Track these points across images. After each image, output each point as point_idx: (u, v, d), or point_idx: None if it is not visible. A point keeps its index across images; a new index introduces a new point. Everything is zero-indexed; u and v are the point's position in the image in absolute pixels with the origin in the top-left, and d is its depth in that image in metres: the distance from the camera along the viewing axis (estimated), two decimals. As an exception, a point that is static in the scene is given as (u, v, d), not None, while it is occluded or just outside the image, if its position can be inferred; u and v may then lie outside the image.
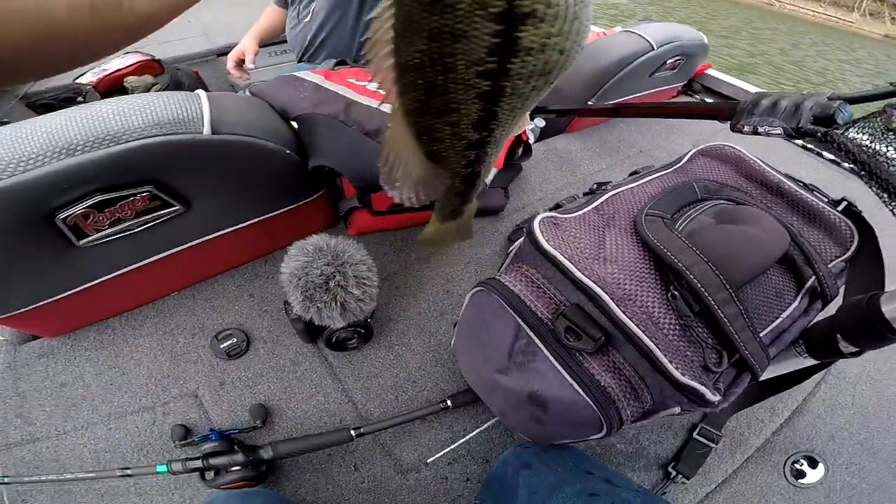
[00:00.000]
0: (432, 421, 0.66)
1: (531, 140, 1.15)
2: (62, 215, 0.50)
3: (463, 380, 0.70)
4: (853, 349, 0.48)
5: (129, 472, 0.55)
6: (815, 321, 0.53)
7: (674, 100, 1.45)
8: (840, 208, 0.59)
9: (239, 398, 0.66)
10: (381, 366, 0.70)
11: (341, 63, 0.86)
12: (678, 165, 0.68)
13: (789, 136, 0.51)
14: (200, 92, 0.56)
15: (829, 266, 0.54)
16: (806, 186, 0.62)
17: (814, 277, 0.53)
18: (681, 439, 0.69)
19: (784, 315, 0.50)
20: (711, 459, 0.67)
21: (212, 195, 0.62)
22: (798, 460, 0.69)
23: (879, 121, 0.43)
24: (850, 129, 0.45)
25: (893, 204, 0.40)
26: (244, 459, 0.55)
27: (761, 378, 0.57)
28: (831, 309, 0.51)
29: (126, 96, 0.52)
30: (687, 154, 0.69)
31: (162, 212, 0.59)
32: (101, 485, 0.59)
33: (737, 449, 0.69)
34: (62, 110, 0.48)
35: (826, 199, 0.60)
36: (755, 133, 0.56)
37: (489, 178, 0.79)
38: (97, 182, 0.50)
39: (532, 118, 1.17)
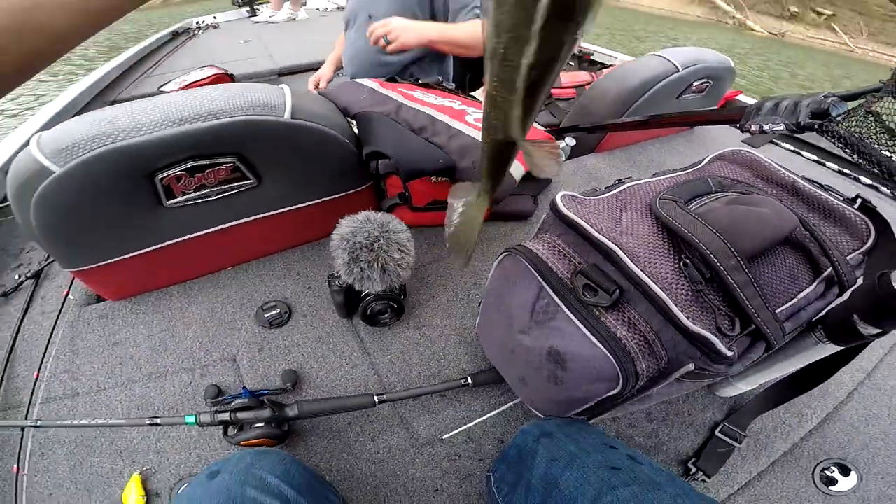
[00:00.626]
0: (452, 399, 0.69)
1: (562, 158, 1.23)
2: (161, 175, 0.62)
3: (485, 362, 0.74)
4: (873, 330, 0.51)
5: (157, 420, 0.60)
6: (832, 305, 0.56)
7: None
8: (856, 205, 0.63)
9: (273, 364, 0.72)
10: (408, 343, 0.76)
11: (391, 80, 1.00)
12: (696, 167, 0.74)
13: (791, 131, 0.57)
14: (284, 86, 0.68)
15: (848, 258, 0.57)
16: (821, 186, 0.67)
17: (830, 268, 0.56)
18: (702, 437, 0.69)
19: (799, 296, 0.54)
20: (734, 460, 0.67)
21: (280, 174, 0.73)
22: (829, 467, 0.68)
23: (862, 109, 0.48)
24: (843, 121, 0.50)
25: (886, 180, 0.45)
26: (270, 415, 0.60)
27: (786, 373, 0.60)
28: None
29: (227, 84, 0.64)
30: (705, 158, 0.75)
31: (238, 183, 0.70)
32: (121, 439, 0.64)
33: (762, 452, 0.69)
34: (175, 94, 0.61)
35: (842, 198, 0.65)
36: (761, 131, 0.62)
37: (517, 176, 0.86)
38: (195, 150, 0.61)
39: (562, 137, 1.26)
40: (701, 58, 1.22)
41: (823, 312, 0.56)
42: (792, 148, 1.41)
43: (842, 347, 0.56)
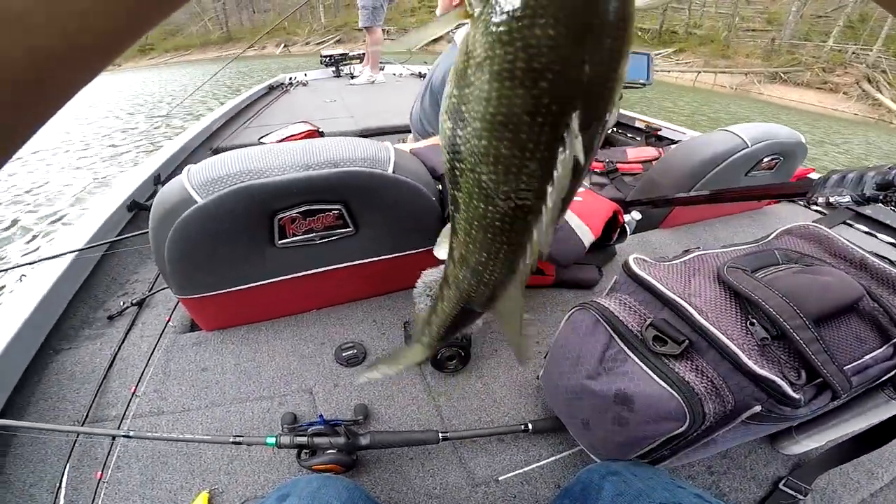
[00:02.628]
0: (510, 443, 0.76)
1: (628, 232, 1.34)
2: (280, 215, 0.78)
3: (544, 412, 0.80)
4: None
5: (241, 440, 0.69)
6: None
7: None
8: (928, 281, 0.69)
9: (347, 398, 0.82)
10: (470, 390, 0.84)
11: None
12: (764, 241, 0.83)
13: (857, 202, 0.66)
14: (388, 143, 0.85)
15: None
16: (891, 262, 0.74)
17: (902, 335, 0.62)
18: (765, 490, 0.71)
19: (867, 357, 0.59)
20: None
21: (375, 225, 0.87)
22: None
23: None
24: None
25: None
26: (344, 442, 0.68)
27: (854, 430, 0.64)
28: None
29: (344, 137, 0.82)
30: (773, 233, 0.84)
31: (339, 230, 0.85)
32: (195, 457, 0.72)
33: None
34: (305, 140, 0.79)
35: (913, 273, 0.71)
36: (828, 205, 0.71)
37: (587, 243, 0.98)
38: (311, 194, 0.78)
39: (628, 211, 1.38)
40: (771, 133, 1.28)
41: (894, 372, 0.60)
42: (866, 229, 1.44)
43: None
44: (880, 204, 0.61)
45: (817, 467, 0.73)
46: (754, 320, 0.59)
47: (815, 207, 1.55)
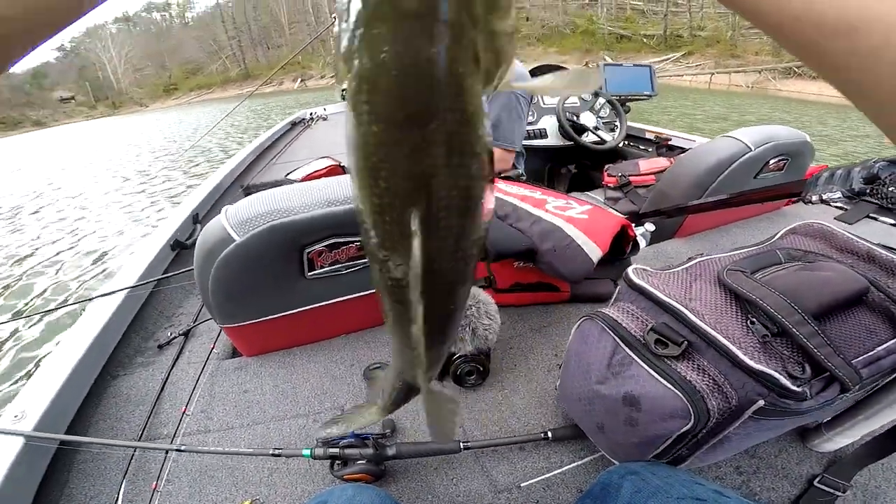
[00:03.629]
0: (531, 451, 0.77)
1: (642, 245, 1.35)
2: (308, 249, 0.85)
3: (565, 421, 0.82)
4: None
5: (280, 452, 0.74)
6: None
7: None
8: (939, 270, 0.68)
9: None
10: (491, 403, 0.86)
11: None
12: (769, 242, 0.83)
13: (847, 197, 0.66)
14: None
15: None
16: (900, 253, 0.73)
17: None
18: (799, 488, 0.70)
19: (879, 348, 0.59)
20: None
21: None
22: None
23: None
24: (890, 183, 0.59)
25: None
26: (373, 454, 0.72)
27: (888, 421, 0.63)
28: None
29: None
30: (778, 233, 0.84)
31: (361, 261, 0.91)
32: (238, 470, 0.77)
33: (871, 501, 0.67)
34: (329, 178, 0.86)
35: (922, 262, 0.70)
36: (822, 201, 0.72)
37: (595, 258, 1.00)
38: (336, 228, 0.84)
39: (642, 223, 1.39)
40: (773, 135, 1.28)
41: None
42: (892, 221, 1.39)
43: None
44: (868, 197, 0.61)
45: (855, 463, 0.72)
46: (754, 319, 0.60)
47: (835, 204, 1.51)
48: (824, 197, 0.71)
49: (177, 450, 0.77)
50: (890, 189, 0.55)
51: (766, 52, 18.24)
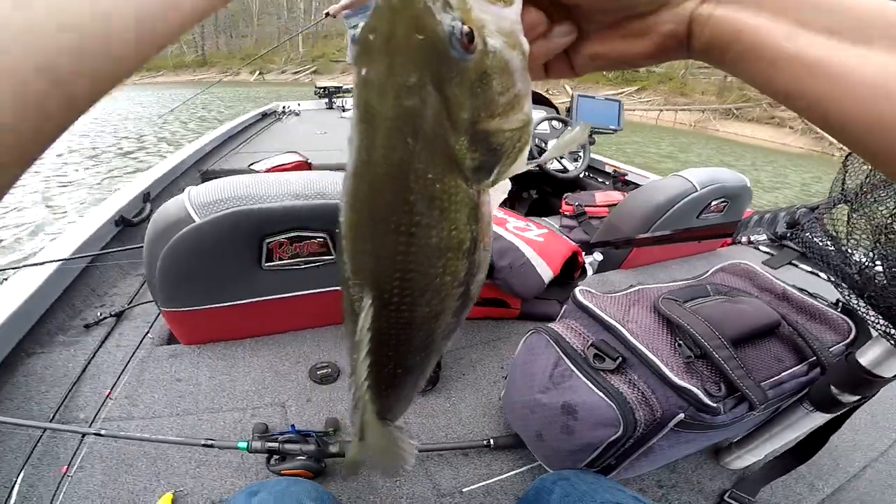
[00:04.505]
0: (474, 457, 0.79)
1: (590, 272, 1.42)
2: (269, 239, 0.84)
3: (506, 429, 0.84)
4: (850, 398, 0.62)
5: (212, 442, 0.70)
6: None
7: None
8: (839, 308, 0.77)
9: (319, 413, 0.85)
10: (438, 409, 0.88)
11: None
12: (701, 277, 0.91)
13: (771, 240, 0.74)
14: None
15: (832, 349, 0.70)
16: (809, 294, 0.82)
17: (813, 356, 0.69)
18: (711, 502, 0.75)
19: (784, 373, 0.66)
20: None
21: None
22: None
23: (817, 216, 0.65)
24: (807, 229, 0.66)
25: (836, 282, 0.59)
26: (314, 450, 0.70)
27: (786, 441, 0.70)
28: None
29: (333, 172, 0.89)
30: (709, 270, 0.92)
31: (323, 258, 0.91)
32: (161, 460, 0.73)
33: None
34: (299, 172, 0.86)
35: (826, 302, 0.79)
36: (750, 243, 0.80)
37: (546, 279, 1.05)
38: (301, 221, 0.84)
39: (591, 252, 1.46)
40: (717, 177, 1.37)
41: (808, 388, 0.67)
42: (810, 269, 1.53)
43: (828, 416, 0.67)
44: (788, 241, 0.69)
45: (759, 480, 0.78)
46: (681, 342, 0.65)
47: (763, 248, 1.65)
48: (752, 238, 0.79)
49: (95, 433, 0.71)
50: (806, 235, 0.63)
51: (711, 93, 19.50)
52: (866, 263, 0.47)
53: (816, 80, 0.19)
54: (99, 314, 1.04)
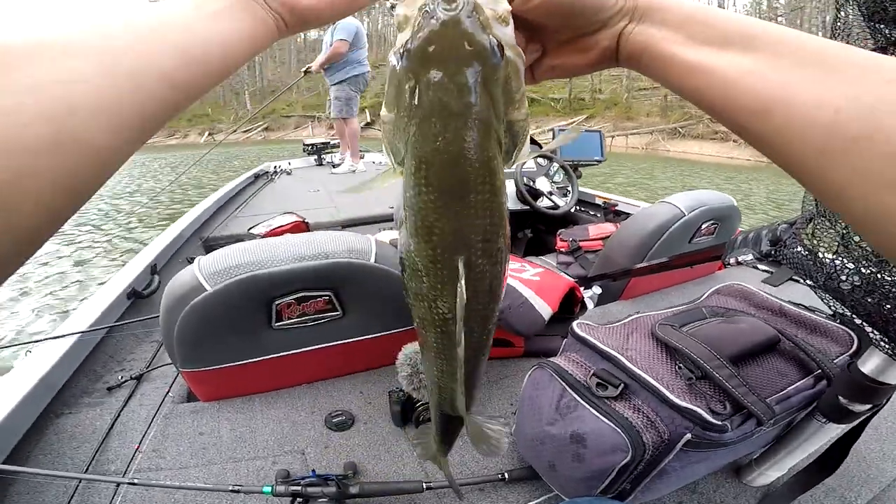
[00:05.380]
0: (489, 491, 0.78)
1: (590, 306, 1.42)
2: (278, 301, 0.87)
3: (520, 462, 0.83)
4: (861, 407, 0.62)
5: (239, 488, 0.72)
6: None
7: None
8: (837, 321, 0.78)
9: (337, 458, 0.85)
10: (453, 448, 0.87)
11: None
12: (697, 301, 0.92)
13: (757, 259, 0.76)
14: (369, 236, 0.96)
15: (836, 360, 0.70)
16: (807, 308, 0.82)
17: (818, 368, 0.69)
18: None
19: (790, 388, 0.66)
20: None
21: (360, 308, 0.96)
22: None
23: (797, 231, 0.66)
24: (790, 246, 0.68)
25: (821, 295, 0.61)
26: (335, 492, 0.71)
27: (807, 454, 0.69)
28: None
29: (332, 231, 0.93)
30: (704, 294, 0.94)
31: (328, 314, 0.93)
32: None
33: None
34: (298, 234, 0.90)
35: (825, 315, 0.80)
36: (738, 263, 0.82)
37: (546, 316, 1.06)
38: (306, 282, 0.87)
39: (590, 286, 1.47)
40: (703, 200, 1.37)
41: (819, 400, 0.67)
42: (812, 283, 1.51)
43: (844, 426, 0.66)
44: (773, 258, 0.70)
45: (785, 495, 0.76)
46: (681, 364, 0.66)
47: (762, 267, 1.65)
48: (740, 259, 0.81)
49: (129, 483, 0.73)
50: (789, 251, 0.64)
51: (655, 114, 19.61)
52: (835, 272, 0.49)
53: (694, 76, 0.24)
54: (120, 377, 1.07)
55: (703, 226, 1.41)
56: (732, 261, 0.85)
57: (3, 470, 0.75)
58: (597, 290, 1.48)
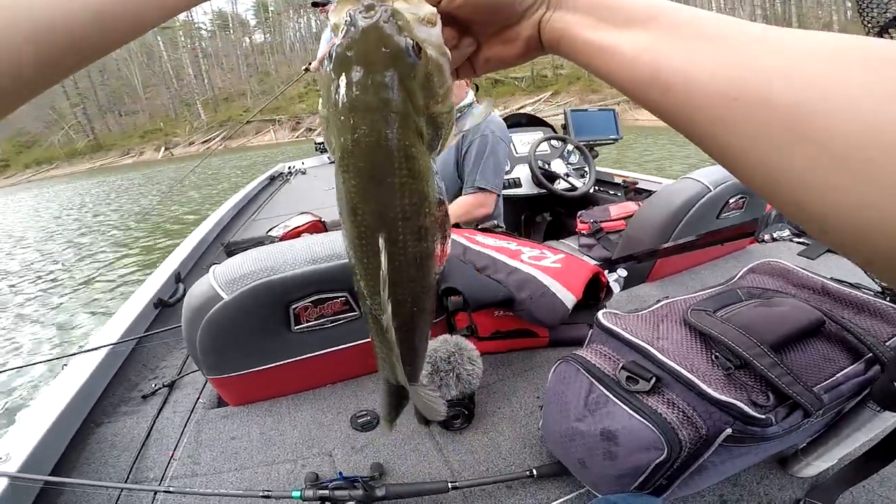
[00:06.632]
0: (517, 489, 0.76)
1: (616, 290, 1.37)
2: (294, 305, 0.86)
3: (549, 458, 0.81)
4: None
5: (269, 494, 0.73)
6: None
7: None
8: (887, 298, 0.72)
9: (363, 459, 0.84)
10: (477, 445, 0.85)
11: (455, 226, 1.28)
12: (730, 281, 0.86)
13: (794, 234, 0.70)
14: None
15: (888, 343, 0.65)
16: (851, 285, 0.76)
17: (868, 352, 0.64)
18: None
19: (838, 375, 0.60)
20: None
21: None
22: None
23: None
24: None
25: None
26: (362, 495, 0.71)
27: (859, 444, 0.64)
28: None
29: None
30: (738, 273, 0.88)
31: (346, 315, 0.92)
32: None
33: None
34: (311, 235, 0.88)
35: (872, 292, 0.73)
36: (773, 240, 0.76)
37: (570, 305, 1.02)
38: (321, 284, 0.86)
39: (615, 269, 1.41)
40: (728, 173, 1.33)
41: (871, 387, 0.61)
42: None
43: None
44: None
45: (835, 487, 0.71)
46: (718, 354, 0.62)
47: (797, 240, 1.56)
48: (775, 235, 0.75)
49: (165, 491, 0.75)
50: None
51: None
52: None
53: (603, 56, 0.26)
54: (153, 385, 1.10)
55: (731, 200, 1.34)
56: (767, 237, 0.79)
57: (49, 481, 0.77)
58: (622, 272, 1.42)
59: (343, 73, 0.25)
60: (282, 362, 0.95)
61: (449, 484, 0.73)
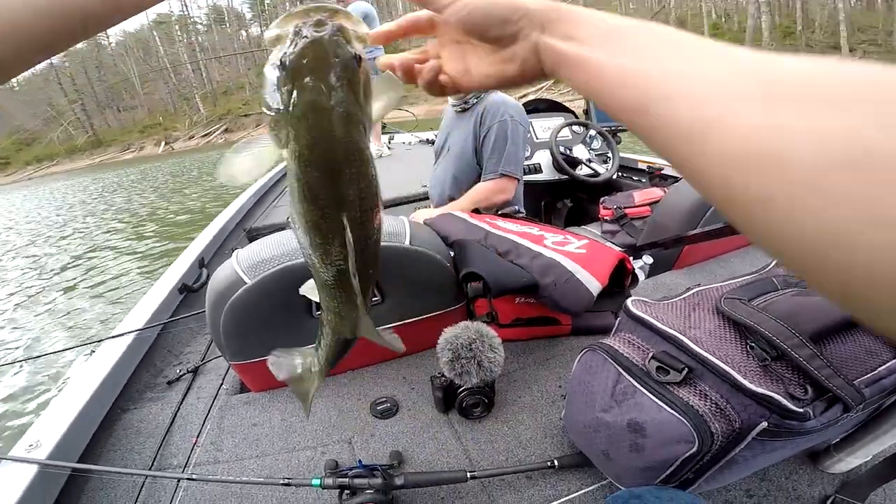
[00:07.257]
0: (538, 480, 0.75)
1: (641, 277, 1.34)
2: None
3: (570, 448, 0.80)
4: None
5: (289, 481, 0.73)
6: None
7: None
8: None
9: (382, 447, 0.85)
10: (497, 434, 0.85)
11: (475, 211, 1.26)
12: (765, 269, 0.83)
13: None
14: (403, 217, 0.93)
15: None
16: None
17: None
18: None
19: (881, 368, 0.58)
20: None
21: (399, 292, 0.95)
22: None
23: None
24: None
25: None
26: (381, 483, 0.71)
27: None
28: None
29: None
30: (773, 260, 0.84)
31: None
32: (248, 500, 0.77)
33: None
34: None
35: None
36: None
37: (595, 292, 1.00)
38: None
39: (640, 256, 1.38)
40: None
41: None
42: None
43: None
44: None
45: (869, 483, 0.69)
46: (753, 344, 0.59)
47: None
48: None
49: (188, 478, 0.77)
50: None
51: None
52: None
53: (584, 71, 0.28)
54: (178, 371, 1.13)
55: None
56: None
57: (77, 468, 0.80)
58: (648, 259, 1.39)
59: (297, 78, 0.28)
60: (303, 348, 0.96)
61: (468, 473, 0.73)
